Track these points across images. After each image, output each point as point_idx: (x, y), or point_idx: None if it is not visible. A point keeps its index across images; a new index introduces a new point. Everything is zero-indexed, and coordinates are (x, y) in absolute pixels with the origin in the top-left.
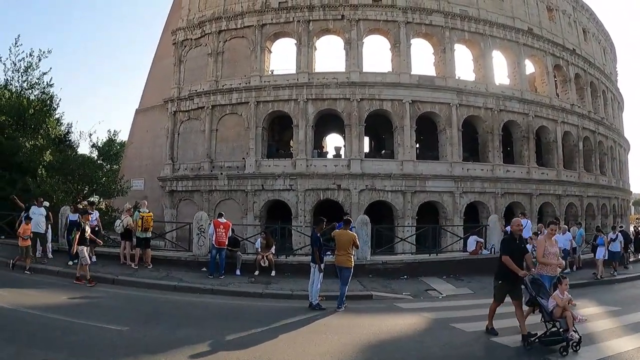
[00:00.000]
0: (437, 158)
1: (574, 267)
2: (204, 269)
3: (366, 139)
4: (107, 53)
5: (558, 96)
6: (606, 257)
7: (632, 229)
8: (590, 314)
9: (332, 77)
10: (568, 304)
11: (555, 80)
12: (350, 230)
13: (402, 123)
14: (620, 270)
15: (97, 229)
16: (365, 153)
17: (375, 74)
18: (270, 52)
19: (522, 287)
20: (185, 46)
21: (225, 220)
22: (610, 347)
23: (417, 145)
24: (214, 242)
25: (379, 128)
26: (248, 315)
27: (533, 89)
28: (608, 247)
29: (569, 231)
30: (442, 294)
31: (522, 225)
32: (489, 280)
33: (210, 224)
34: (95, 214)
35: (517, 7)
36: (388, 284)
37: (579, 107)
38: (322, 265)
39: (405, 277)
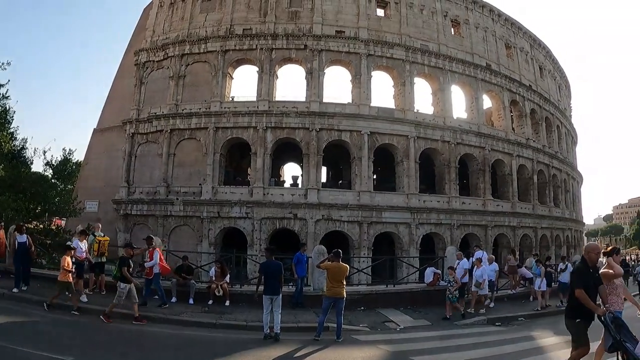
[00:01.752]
0: (394, 189)
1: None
2: (156, 296)
3: (324, 169)
4: (67, 69)
5: (514, 130)
6: (543, 289)
7: None
8: (551, 344)
9: (292, 106)
10: None
11: (512, 115)
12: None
13: (360, 154)
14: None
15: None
16: (322, 183)
17: (335, 104)
18: (231, 78)
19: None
20: (147, 68)
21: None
22: None
23: (375, 177)
24: (159, 271)
25: (337, 158)
26: (200, 346)
27: (490, 123)
28: (558, 277)
29: (495, 262)
30: (399, 326)
31: (599, 252)
32: (444, 311)
33: (154, 250)
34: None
35: (476, 43)
36: (345, 316)
37: (534, 141)
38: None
39: (362, 308)
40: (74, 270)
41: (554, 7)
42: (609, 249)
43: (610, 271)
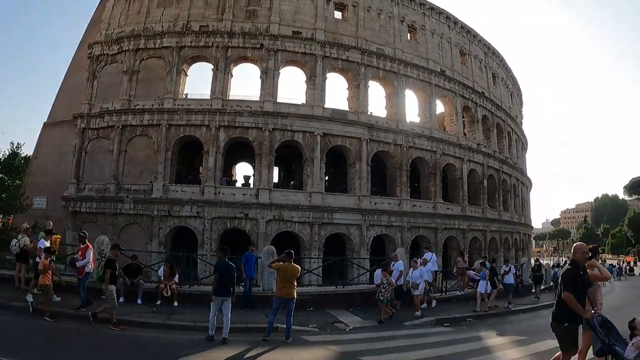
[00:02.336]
0: (346, 191)
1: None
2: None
3: (276, 169)
4: (16, 59)
5: (465, 135)
6: (488, 291)
7: (533, 262)
8: (498, 343)
9: (246, 105)
10: None
11: (464, 121)
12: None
13: (313, 155)
14: (523, 301)
15: None
16: (274, 183)
17: (289, 105)
18: (186, 75)
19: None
20: (101, 61)
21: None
22: None
23: (327, 178)
24: (91, 270)
25: (290, 159)
26: (148, 347)
27: (442, 127)
28: (503, 280)
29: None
30: (349, 326)
31: (586, 251)
32: (395, 312)
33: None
34: None
35: (432, 49)
36: (294, 316)
37: (485, 146)
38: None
39: (311, 309)
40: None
41: (511, 17)
42: (590, 246)
43: (598, 273)
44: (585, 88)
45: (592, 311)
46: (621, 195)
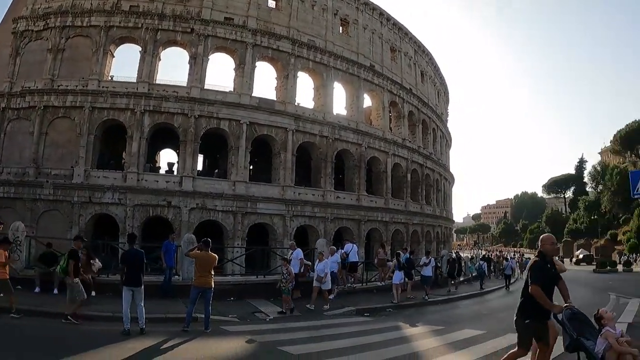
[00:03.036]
0: (270, 181)
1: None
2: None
3: (201, 157)
4: None
5: (391, 130)
6: (402, 281)
7: (454, 254)
8: (417, 333)
9: (173, 91)
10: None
11: (390, 115)
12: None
13: (238, 144)
14: (437, 293)
15: None
16: (198, 171)
17: (216, 92)
18: (112, 56)
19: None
20: (25, 37)
21: None
22: None
23: (251, 167)
24: None
25: (215, 147)
26: (62, 338)
27: (368, 121)
28: (421, 271)
29: (336, 252)
30: (269, 316)
31: (555, 242)
32: (315, 302)
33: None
34: None
35: (363, 44)
36: (214, 306)
37: (410, 141)
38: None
39: (232, 299)
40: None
41: (443, 16)
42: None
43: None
44: (510, 92)
45: (565, 305)
46: (540, 193)
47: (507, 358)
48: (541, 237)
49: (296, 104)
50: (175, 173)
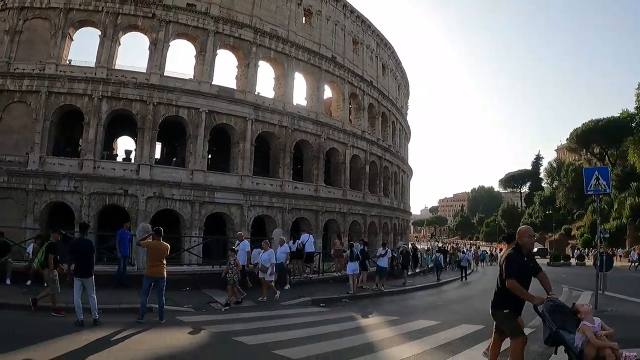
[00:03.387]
0: (229, 170)
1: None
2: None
3: (159, 145)
4: None
5: (351, 122)
6: (357, 272)
7: (411, 246)
8: (372, 323)
9: (132, 77)
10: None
11: (350, 107)
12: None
13: (197, 132)
14: (393, 284)
15: None
16: (156, 159)
17: (175, 79)
18: (72, 39)
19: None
20: None
21: None
22: (391, 355)
23: (210, 156)
24: None
25: (173, 135)
26: (14, 330)
27: (328, 112)
28: (377, 262)
29: (287, 244)
30: (225, 307)
31: (532, 234)
32: (271, 292)
33: None
34: None
35: (325, 35)
36: (170, 296)
37: (369, 134)
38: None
39: (187, 289)
40: None
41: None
42: (508, 232)
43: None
44: (472, 89)
45: (547, 296)
46: (497, 187)
47: (493, 349)
48: (519, 229)
49: (256, 93)
50: (132, 161)
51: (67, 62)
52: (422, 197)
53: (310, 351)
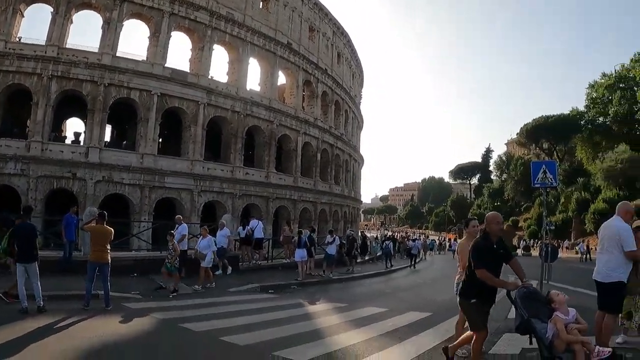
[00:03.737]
0: (179, 154)
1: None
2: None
3: (109, 128)
4: None
5: (304, 109)
6: (305, 259)
7: (360, 234)
8: (320, 310)
9: (84, 56)
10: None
11: (304, 94)
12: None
13: (148, 115)
14: (342, 271)
15: None
16: (106, 142)
17: (128, 60)
18: (22, 16)
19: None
20: None
21: None
22: (339, 341)
23: (161, 140)
24: None
25: (124, 117)
26: None
27: (282, 99)
28: (326, 249)
29: (225, 227)
30: (172, 293)
31: (501, 221)
32: (219, 279)
33: None
34: None
35: (282, 21)
36: (116, 282)
37: (322, 121)
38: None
39: (135, 275)
40: None
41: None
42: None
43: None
44: (426, 82)
45: (522, 283)
46: (447, 178)
47: (473, 351)
48: (487, 216)
49: (210, 77)
50: (82, 143)
51: (17, 39)
52: (372, 186)
53: (257, 337)
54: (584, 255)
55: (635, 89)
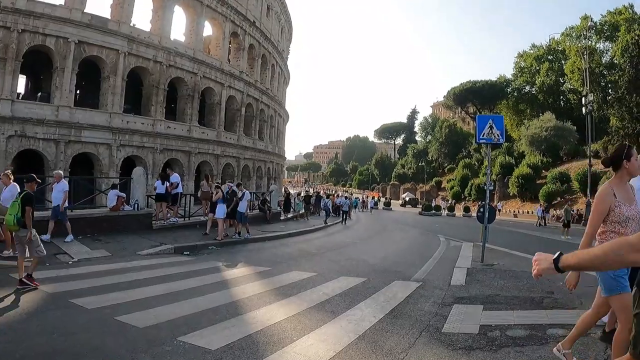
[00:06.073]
0: (98, 107)
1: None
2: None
3: (23, 78)
4: None
5: (229, 62)
6: (222, 216)
7: (283, 190)
8: (240, 276)
9: None
10: None
11: (230, 47)
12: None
13: (64, 64)
14: (273, 228)
15: None
16: (19, 94)
17: (44, 4)
18: None
19: None
20: None
21: None
22: (260, 318)
23: (78, 92)
24: None
25: (40, 67)
26: None
27: (207, 50)
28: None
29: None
30: (73, 258)
31: None
32: (129, 240)
33: None
34: None
35: None
36: (6, 248)
37: (247, 75)
38: None
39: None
40: None
41: None
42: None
43: None
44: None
45: None
46: (371, 138)
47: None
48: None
49: (132, 24)
50: None
51: None
52: (297, 143)
53: (162, 315)
54: (541, 221)
55: (563, 62)
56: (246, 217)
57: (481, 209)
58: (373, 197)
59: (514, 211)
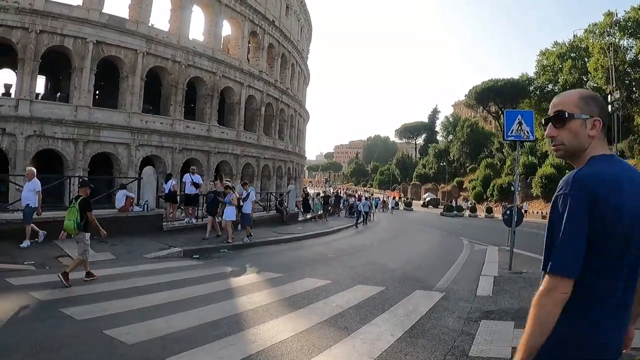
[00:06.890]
0: (116, 107)
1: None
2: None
3: (42, 79)
4: None
5: (249, 61)
6: (233, 219)
7: (302, 191)
8: (249, 283)
9: (14, 1)
10: None
11: (249, 46)
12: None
13: (83, 64)
14: (290, 230)
15: None
16: (38, 94)
17: (62, 4)
18: None
19: None
20: None
21: None
22: (265, 335)
23: (97, 92)
24: None
25: (58, 67)
26: None
27: (226, 50)
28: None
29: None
30: None
31: None
32: (137, 242)
33: None
34: None
35: None
36: (9, 251)
37: (267, 74)
38: None
39: (36, 240)
40: None
41: None
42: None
43: None
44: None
45: None
46: (392, 137)
47: None
48: None
49: (150, 24)
50: (12, 96)
51: None
52: (317, 143)
53: (156, 329)
54: None
55: (587, 59)
56: (250, 219)
57: (507, 212)
58: (394, 197)
59: (541, 212)
